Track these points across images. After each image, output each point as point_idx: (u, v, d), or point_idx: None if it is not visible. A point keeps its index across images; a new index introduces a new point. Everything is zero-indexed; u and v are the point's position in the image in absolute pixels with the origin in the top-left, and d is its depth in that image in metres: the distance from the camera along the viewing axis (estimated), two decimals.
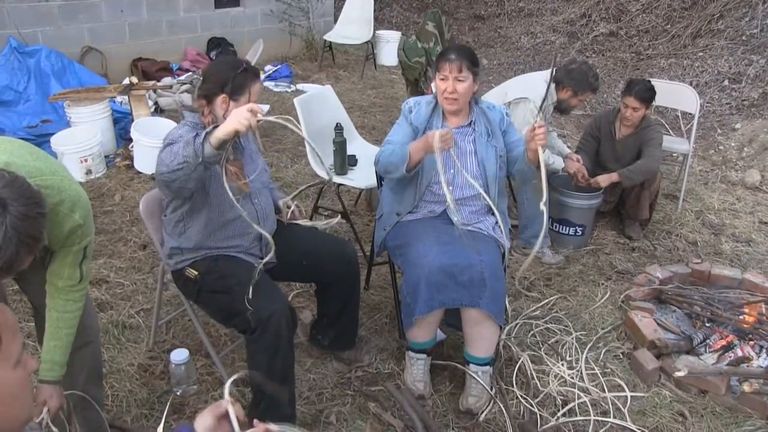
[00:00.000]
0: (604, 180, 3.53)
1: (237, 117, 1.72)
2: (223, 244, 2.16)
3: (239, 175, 2.11)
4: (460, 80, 2.35)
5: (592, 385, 2.50)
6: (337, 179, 3.27)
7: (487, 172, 2.44)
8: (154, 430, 2.19)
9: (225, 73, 2.01)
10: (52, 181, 1.49)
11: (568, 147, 3.81)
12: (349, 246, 2.46)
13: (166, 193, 2.05)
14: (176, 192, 1.95)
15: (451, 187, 2.42)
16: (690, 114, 4.25)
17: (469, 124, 2.49)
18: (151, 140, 4.07)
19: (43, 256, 1.63)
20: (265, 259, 2.03)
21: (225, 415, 1.12)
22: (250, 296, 1.93)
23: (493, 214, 2.49)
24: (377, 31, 7.33)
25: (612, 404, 2.41)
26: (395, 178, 2.40)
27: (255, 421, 1.11)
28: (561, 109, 3.51)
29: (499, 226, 2.44)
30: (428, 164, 2.42)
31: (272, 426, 1.11)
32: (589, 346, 2.74)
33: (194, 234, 2.12)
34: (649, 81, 3.60)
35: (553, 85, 3.40)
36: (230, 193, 1.81)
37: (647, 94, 3.50)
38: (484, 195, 2.30)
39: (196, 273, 2.13)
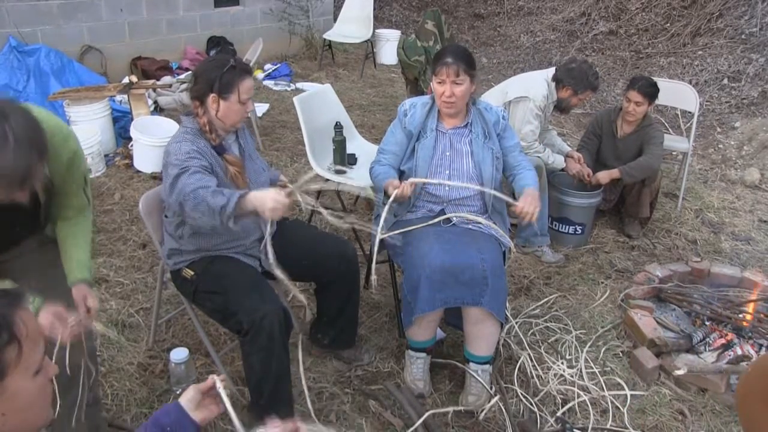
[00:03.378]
0: (604, 177, 3.53)
1: (267, 205, 1.82)
2: (223, 246, 2.16)
3: (240, 175, 2.11)
4: (457, 84, 2.34)
5: (592, 384, 2.50)
6: (336, 178, 3.27)
7: (483, 174, 2.44)
8: None
9: (213, 72, 2.01)
10: (38, 113, 1.49)
11: (568, 145, 3.81)
12: (349, 245, 2.45)
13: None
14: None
15: (447, 188, 2.43)
16: (689, 112, 4.25)
17: (466, 125, 2.48)
18: (151, 139, 4.07)
19: (42, 220, 1.64)
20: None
21: (210, 389, 1.19)
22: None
23: (493, 214, 2.50)
24: (377, 30, 7.32)
25: (611, 403, 2.41)
26: None
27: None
28: (561, 108, 3.51)
29: (498, 225, 2.44)
30: (422, 164, 2.43)
31: (301, 425, 1.14)
32: (588, 344, 2.74)
33: (194, 237, 2.12)
34: (653, 79, 3.61)
35: (553, 85, 3.40)
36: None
37: (650, 90, 3.50)
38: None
39: (192, 273, 2.13)
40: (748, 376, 0.77)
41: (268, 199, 1.82)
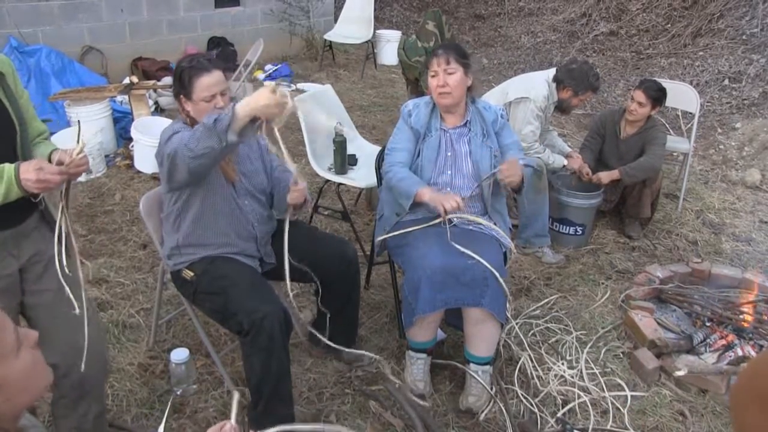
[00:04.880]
0: (605, 177, 3.53)
1: (260, 102, 1.72)
2: (219, 240, 2.16)
3: (229, 159, 2.12)
4: (449, 73, 2.37)
5: (593, 385, 2.50)
6: (337, 179, 3.27)
7: (481, 173, 2.44)
8: (154, 429, 2.19)
9: (175, 74, 2.10)
10: None
11: (569, 146, 3.81)
12: (350, 246, 2.45)
13: (184, 178, 1.98)
14: (196, 176, 1.96)
15: (449, 189, 2.43)
16: (690, 113, 4.25)
17: (465, 124, 2.49)
18: (152, 140, 4.07)
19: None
20: None
21: None
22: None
23: (493, 214, 2.50)
24: (377, 31, 7.32)
25: (612, 404, 2.41)
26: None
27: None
28: (561, 108, 3.51)
29: (499, 226, 2.44)
30: (426, 164, 2.43)
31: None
32: (589, 345, 2.74)
33: (190, 226, 2.13)
34: (662, 84, 3.61)
35: (553, 85, 3.41)
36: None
37: (655, 93, 3.51)
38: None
39: (192, 274, 2.13)
40: (740, 378, 0.77)
41: (260, 98, 1.74)
